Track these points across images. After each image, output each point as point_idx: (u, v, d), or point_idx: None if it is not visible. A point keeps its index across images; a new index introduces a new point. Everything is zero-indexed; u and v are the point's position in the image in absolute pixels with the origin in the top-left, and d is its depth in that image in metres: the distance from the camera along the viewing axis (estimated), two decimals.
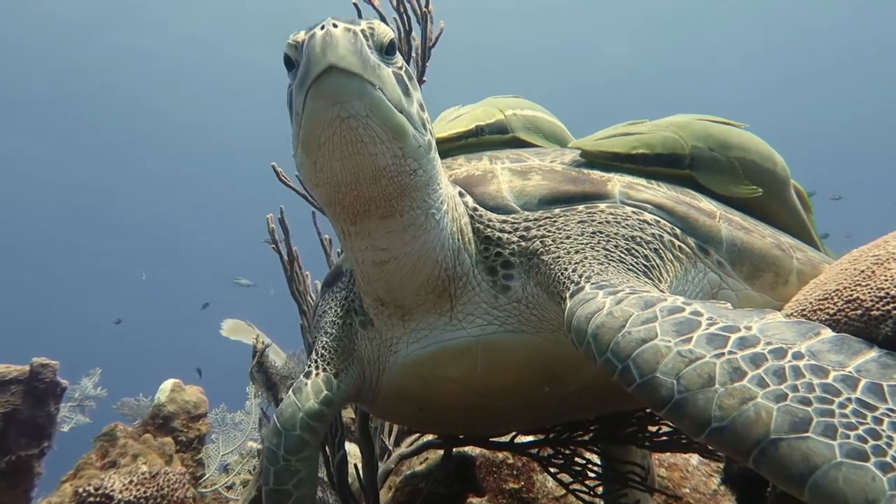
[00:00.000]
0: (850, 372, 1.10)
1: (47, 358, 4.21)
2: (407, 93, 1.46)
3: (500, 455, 3.26)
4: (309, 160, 1.42)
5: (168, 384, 5.12)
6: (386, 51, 1.44)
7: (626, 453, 2.67)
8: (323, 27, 1.32)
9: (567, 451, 2.62)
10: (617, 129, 2.02)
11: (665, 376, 1.13)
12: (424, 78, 3.02)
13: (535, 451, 2.62)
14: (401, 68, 1.48)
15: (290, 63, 1.45)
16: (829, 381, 1.08)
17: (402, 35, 2.89)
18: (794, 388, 1.07)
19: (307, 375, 1.81)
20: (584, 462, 2.56)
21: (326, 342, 1.86)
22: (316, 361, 1.84)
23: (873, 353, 1.13)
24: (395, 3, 2.88)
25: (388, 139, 1.38)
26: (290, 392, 1.79)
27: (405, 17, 2.85)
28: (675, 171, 1.94)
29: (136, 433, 4.74)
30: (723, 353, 1.14)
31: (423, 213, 1.54)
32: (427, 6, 2.87)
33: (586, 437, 2.57)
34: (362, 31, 1.37)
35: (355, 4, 2.91)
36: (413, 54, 2.97)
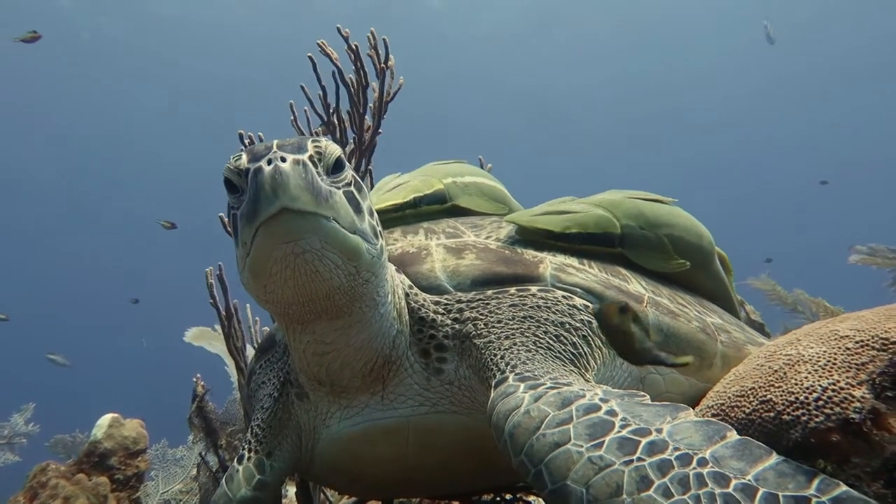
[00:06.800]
0: (749, 481, 1.14)
1: None
2: (358, 209, 1.46)
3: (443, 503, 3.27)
4: (258, 284, 1.42)
5: (106, 419, 4.94)
6: (333, 169, 1.43)
7: None
8: (270, 161, 1.29)
9: (509, 497, 2.64)
10: (552, 205, 2.07)
11: (575, 484, 1.16)
12: (380, 130, 3.07)
13: (476, 498, 2.64)
14: (350, 184, 1.47)
15: (231, 185, 1.42)
16: (730, 490, 1.13)
17: (360, 91, 2.94)
18: (697, 499, 1.11)
19: (240, 460, 1.79)
20: None
21: (262, 419, 1.84)
22: (250, 442, 1.81)
23: (772, 461, 1.18)
24: (352, 57, 2.92)
25: (344, 262, 1.40)
26: (223, 481, 1.76)
27: (362, 73, 2.90)
28: (607, 249, 2.00)
29: (69, 472, 4.56)
30: (631, 461, 1.18)
31: (371, 309, 1.56)
32: (385, 62, 2.92)
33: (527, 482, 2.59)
34: (311, 157, 1.36)
35: (311, 57, 2.94)
36: (371, 105, 3.02)
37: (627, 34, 33.94)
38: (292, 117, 3.23)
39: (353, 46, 2.83)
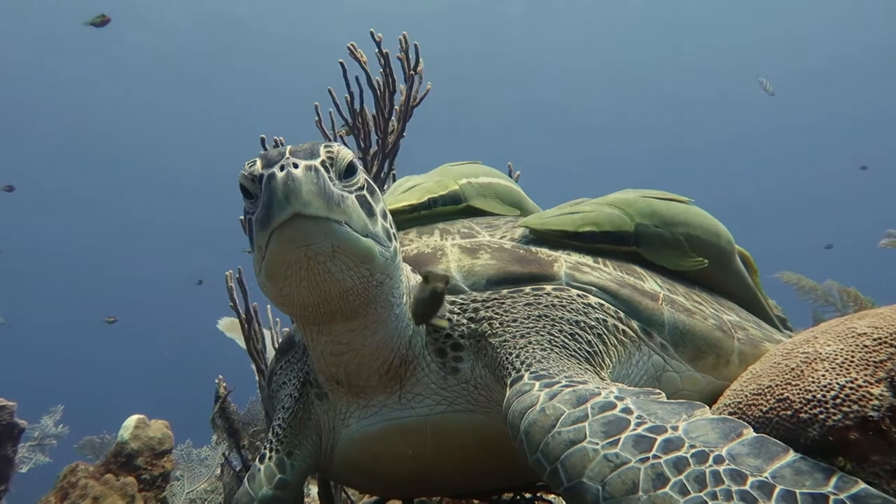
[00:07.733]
0: (766, 478, 1.14)
1: (4, 399, 4.12)
2: (371, 213, 1.49)
3: (462, 502, 3.29)
4: (273, 287, 1.45)
5: (132, 420, 5.03)
6: (346, 173, 1.46)
7: None
8: (283, 167, 1.32)
9: (528, 496, 2.65)
10: (563, 207, 2.08)
11: (591, 482, 1.17)
12: (404, 133, 3.11)
13: (495, 497, 2.65)
14: (362, 188, 1.50)
15: (246, 191, 1.46)
16: (747, 487, 1.13)
17: (387, 94, 2.98)
18: (714, 496, 1.12)
19: (261, 459, 1.82)
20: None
21: (283, 419, 1.87)
22: (271, 442, 1.85)
23: (789, 458, 1.17)
24: (381, 62, 2.96)
25: (357, 264, 1.43)
26: (246, 480, 1.80)
27: (390, 77, 2.94)
28: (622, 247, 2.00)
29: (97, 473, 4.65)
30: (647, 458, 1.18)
31: (386, 310, 1.59)
32: (414, 68, 2.96)
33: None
34: (322, 163, 1.38)
35: (342, 63, 2.99)
36: (397, 108, 3.05)
37: (639, 21, 33.66)
38: (317, 118, 3.30)
39: (384, 52, 2.88)
